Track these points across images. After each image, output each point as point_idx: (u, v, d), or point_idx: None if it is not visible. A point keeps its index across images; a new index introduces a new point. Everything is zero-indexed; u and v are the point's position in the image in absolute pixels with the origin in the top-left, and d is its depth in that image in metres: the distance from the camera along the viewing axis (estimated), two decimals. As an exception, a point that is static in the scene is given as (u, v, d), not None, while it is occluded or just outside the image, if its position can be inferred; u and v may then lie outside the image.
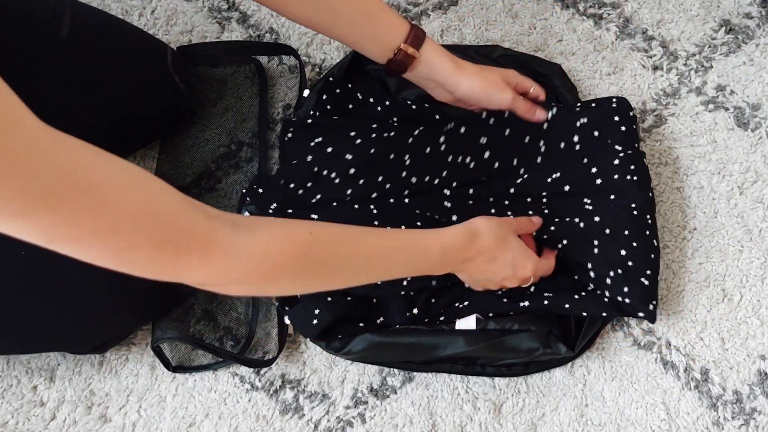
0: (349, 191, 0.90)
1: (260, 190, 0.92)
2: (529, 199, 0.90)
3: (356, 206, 0.89)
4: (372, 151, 0.92)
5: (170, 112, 0.97)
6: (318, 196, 0.90)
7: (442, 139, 0.93)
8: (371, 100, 0.98)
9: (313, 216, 0.88)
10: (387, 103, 0.97)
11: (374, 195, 0.91)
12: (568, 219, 0.88)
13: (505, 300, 0.86)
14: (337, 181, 0.91)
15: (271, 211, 0.90)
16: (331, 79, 0.97)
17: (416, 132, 0.94)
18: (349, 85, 0.98)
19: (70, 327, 0.81)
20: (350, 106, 0.98)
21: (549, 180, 0.91)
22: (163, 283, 0.87)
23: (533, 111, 0.91)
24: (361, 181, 0.91)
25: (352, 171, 0.91)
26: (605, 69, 1.06)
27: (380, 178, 0.91)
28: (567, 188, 0.90)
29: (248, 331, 0.91)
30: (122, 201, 0.49)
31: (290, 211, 0.89)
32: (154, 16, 1.10)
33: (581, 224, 0.86)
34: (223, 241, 0.55)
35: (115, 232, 0.50)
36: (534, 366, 0.89)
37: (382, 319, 0.88)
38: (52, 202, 0.46)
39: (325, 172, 0.91)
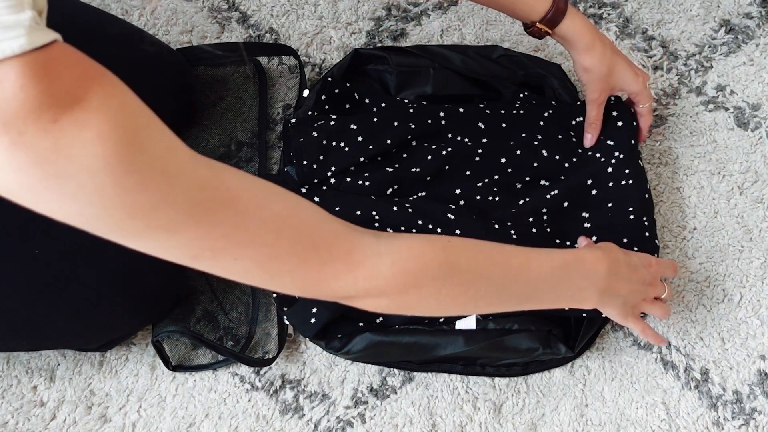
0: (361, 158, 0.91)
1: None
2: (531, 219, 0.90)
3: (372, 196, 0.91)
4: (375, 120, 0.94)
5: (176, 115, 0.98)
6: (332, 168, 0.91)
7: (442, 113, 0.95)
8: (367, 100, 0.98)
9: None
10: (383, 104, 0.98)
11: (387, 168, 0.92)
12: (568, 239, 0.89)
13: None
14: (347, 149, 0.92)
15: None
16: (329, 79, 0.97)
17: (415, 116, 0.96)
18: (348, 84, 0.98)
19: (80, 326, 0.81)
20: (347, 106, 0.98)
21: (548, 197, 0.92)
22: (169, 281, 0.87)
23: (592, 129, 0.93)
24: (371, 147, 0.92)
25: (360, 138, 0.92)
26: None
27: (389, 141, 0.92)
28: (566, 204, 0.92)
29: (248, 331, 0.91)
30: (263, 211, 0.50)
31: (305, 189, 0.91)
32: (154, 16, 1.10)
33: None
34: (366, 247, 0.56)
35: (259, 243, 0.50)
36: (534, 366, 0.89)
37: (381, 318, 0.88)
38: (195, 214, 0.47)
39: (333, 143, 0.92)
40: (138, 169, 0.45)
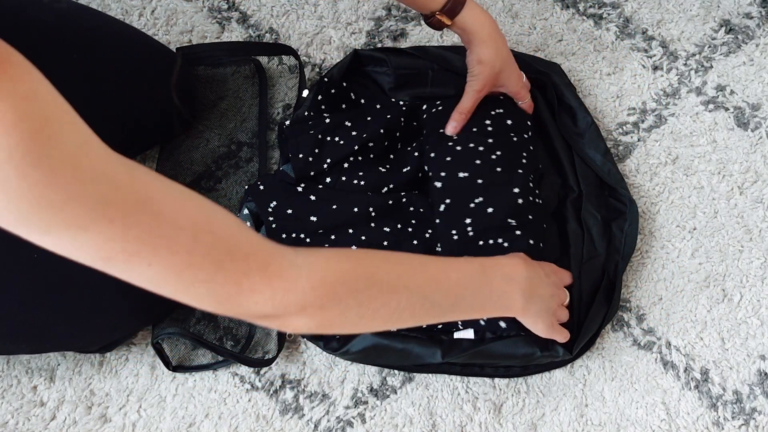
0: (355, 147, 0.93)
1: (261, 187, 0.93)
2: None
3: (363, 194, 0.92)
4: (369, 118, 0.95)
5: (169, 120, 0.98)
6: (328, 160, 0.93)
7: (424, 107, 0.98)
8: (362, 101, 0.99)
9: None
10: (378, 106, 0.98)
11: (380, 168, 0.94)
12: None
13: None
14: (341, 143, 0.93)
15: (270, 209, 0.90)
16: (326, 79, 0.97)
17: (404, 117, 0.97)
18: (344, 84, 0.98)
19: (81, 329, 0.81)
20: (344, 107, 0.99)
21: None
22: None
23: (458, 118, 0.93)
24: (364, 135, 0.93)
25: (353, 133, 0.94)
26: (605, 69, 1.06)
27: (381, 131, 0.94)
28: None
29: (248, 331, 0.91)
30: (179, 216, 0.49)
31: (300, 188, 0.92)
32: (154, 16, 1.10)
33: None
34: (283, 259, 0.54)
35: (175, 249, 0.49)
36: (533, 368, 0.89)
37: None
38: (108, 213, 0.45)
39: (328, 138, 0.94)
40: (47, 162, 0.42)
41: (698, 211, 0.99)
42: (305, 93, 0.98)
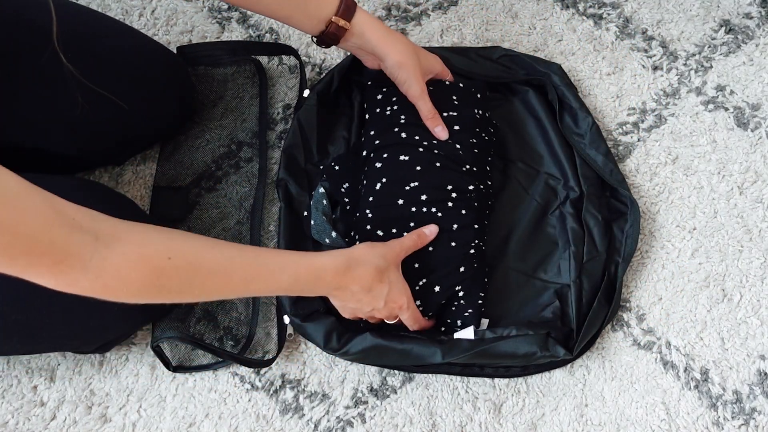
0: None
1: (336, 168, 0.95)
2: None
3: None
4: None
5: (169, 120, 0.98)
6: (364, 153, 0.94)
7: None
8: (364, 104, 0.99)
9: (377, 165, 0.90)
10: (378, 109, 0.98)
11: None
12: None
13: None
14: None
15: (343, 190, 0.94)
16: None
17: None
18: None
19: (76, 328, 0.81)
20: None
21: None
22: None
23: (436, 122, 0.90)
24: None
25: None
26: (605, 69, 1.07)
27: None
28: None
29: (248, 331, 0.91)
30: None
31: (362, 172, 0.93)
32: (154, 16, 1.10)
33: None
34: (75, 261, 0.57)
35: None
36: (533, 368, 0.89)
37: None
38: None
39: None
40: None
41: (698, 211, 0.99)
42: (306, 93, 0.98)
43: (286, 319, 0.88)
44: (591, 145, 0.97)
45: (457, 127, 0.91)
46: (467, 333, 0.86)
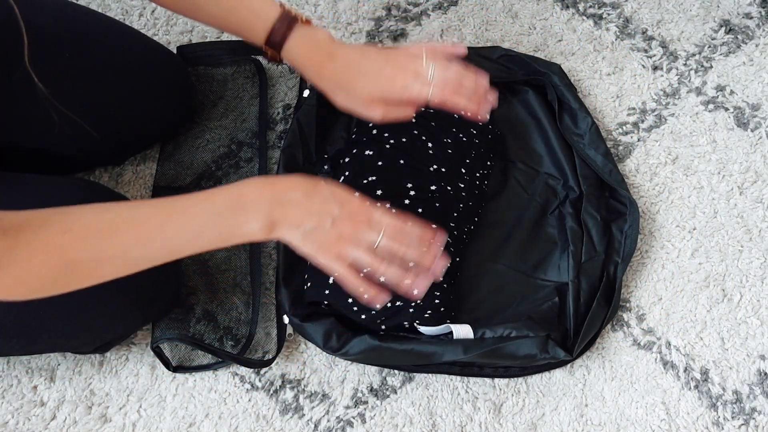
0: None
1: (324, 167, 0.96)
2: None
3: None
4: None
5: (169, 120, 0.98)
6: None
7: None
8: None
9: (346, 159, 0.89)
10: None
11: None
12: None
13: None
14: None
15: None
16: None
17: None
18: None
19: (74, 329, 0.81)
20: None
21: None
22: (166, 283, 0.87)
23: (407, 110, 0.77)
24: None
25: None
26: (605, 69, 1.07)
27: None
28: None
29: (248, 331, 0.91)
30: None
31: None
32: (154, 16, 1.10)
33: None
34: None
35: None
36: (532, 369, 0.89)
37: (384, 328, 0.88)
38: None
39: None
40: None
41: (698, 211, 0.99)
42: (306, 93, 0.98)
43: (285, 319, 0.88)
44: (590, 146, 0.97)
45: (432, 123, 0.91)
46: (466, 333, 0.86)
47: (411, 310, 0.85)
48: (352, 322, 0.87)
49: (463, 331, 0.86)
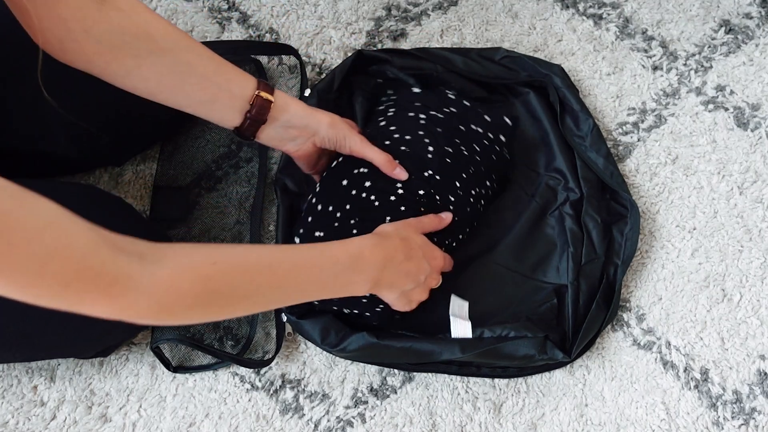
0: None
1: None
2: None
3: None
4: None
5: (168, 120, 0.98)
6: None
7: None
8: (360, 101, 0.99)
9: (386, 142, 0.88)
10: (380, 107, 0.98)
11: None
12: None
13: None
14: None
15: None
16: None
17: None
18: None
19: (72, 337, 0.81)
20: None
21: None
22: None
23: (392, 166, 0.85)
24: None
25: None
26: (605, 69, 1.07)
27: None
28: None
29: (248, 331, 0.91)
30: (32, 244, 0.50)
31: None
32: (154, 16, 1.10)
33: None
34: (127, 281, 0.56)
35: (21, 273, 0.50)
36: (530, 370, 0.89)
37: (376, 323, 0.88)
38: None
39: None
40: None
41: (698, 211, 0.99)
42: (306, 92, 0.98)
43: (283, 317, 0.88)
44: (592, 148, 0.97)
45: (439, 130, 0.89)
46: (465, 332, 0.86)
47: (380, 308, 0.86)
48: (349, 319, 0.87)
49: (463, 332, 0.86)
